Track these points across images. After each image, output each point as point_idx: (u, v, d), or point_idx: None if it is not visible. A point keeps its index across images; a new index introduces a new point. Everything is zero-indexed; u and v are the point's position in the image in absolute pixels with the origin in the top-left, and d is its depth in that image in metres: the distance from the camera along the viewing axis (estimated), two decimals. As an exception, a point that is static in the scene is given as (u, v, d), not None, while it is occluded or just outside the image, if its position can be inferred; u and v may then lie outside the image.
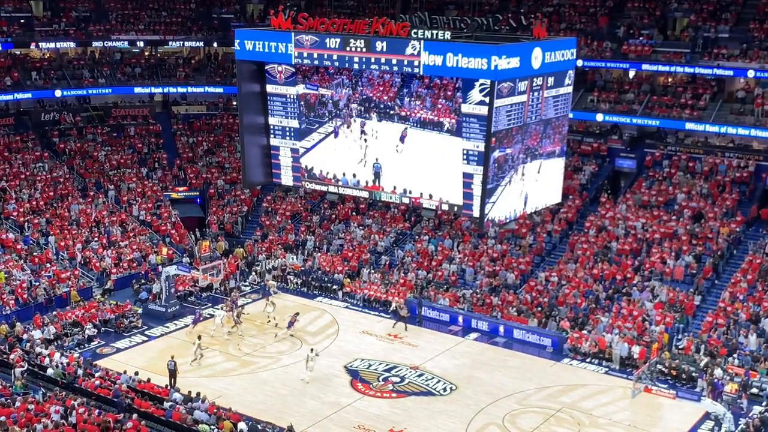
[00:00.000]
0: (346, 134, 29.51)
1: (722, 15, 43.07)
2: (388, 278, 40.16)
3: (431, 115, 27.59)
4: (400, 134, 28.12)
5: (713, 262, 36.54)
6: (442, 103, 27.23)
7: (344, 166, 29.90)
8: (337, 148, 29.88)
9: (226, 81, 51.34)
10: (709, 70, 41.18)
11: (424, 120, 27.82)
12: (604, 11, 46.49)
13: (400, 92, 28.29)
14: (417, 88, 27.75)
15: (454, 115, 26.96)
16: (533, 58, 26.26)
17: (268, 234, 45.44)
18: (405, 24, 26.72)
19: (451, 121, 27.06)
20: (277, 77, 30.04)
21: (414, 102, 27.91)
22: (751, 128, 39.50)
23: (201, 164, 50.77)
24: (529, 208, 29.12)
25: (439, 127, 27.42)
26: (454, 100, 26.90)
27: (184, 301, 38.73)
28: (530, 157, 27.77)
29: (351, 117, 29.21)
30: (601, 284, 36.94)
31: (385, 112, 28.66)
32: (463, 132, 26.54)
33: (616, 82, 45.37)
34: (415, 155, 28.08)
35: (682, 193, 40.32)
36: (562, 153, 29.44)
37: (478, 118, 25.94)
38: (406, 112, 28.18)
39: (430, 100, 27.57)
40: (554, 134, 28.56)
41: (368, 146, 29.07)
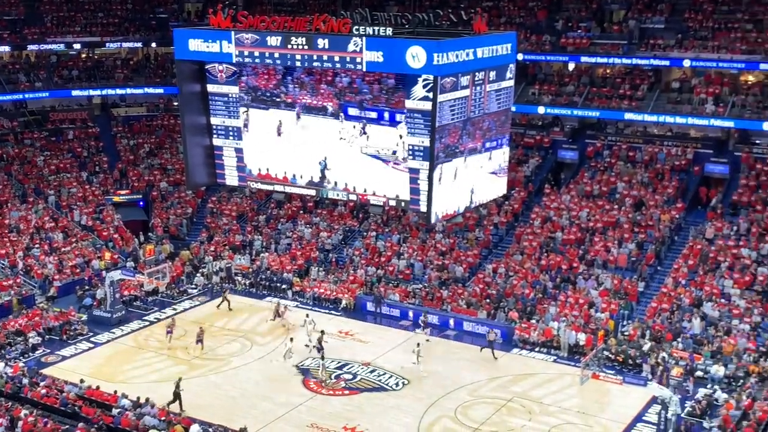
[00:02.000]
0: (283, 131, 29.40)
1: (657, 6, 43.92)
2: (337, 276, 40.13)
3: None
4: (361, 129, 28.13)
5: (655, 248, 37.27)
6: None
7: (288, 165, 29.75)
8: (278, 146, 29.71)
9: (166, 81, 50.70)
10: (646, 60, 41.97)
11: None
12: (542, 5, 47.06)
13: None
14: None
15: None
16: (475, 53, 26.44)
17: (214, 235, 45.02)
18: (346, 21, 26.66)
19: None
20: (218, 76, 29.71)
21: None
22: (688, 117, 40.37)
23: (143, 166, 50.06)
24: (476, 200, 29.31)
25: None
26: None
27: (129, 306, 38.17)
28: (475, 150, 27.95)
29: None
30: (548, 274, 37.44)
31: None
32: (408, 127, 26.61)
33: (557, 74, 45.97)
34: (352, 149, 28.08)
35: (623, 182, 41.05)
36: (506, 145, 29.70)
37: (422, 114, 26.00)
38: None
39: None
40: (497, 127, 28.80)
41: (309, 143, 29.01)
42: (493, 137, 28.75)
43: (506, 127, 29.48)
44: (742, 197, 38.36)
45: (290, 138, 29.21)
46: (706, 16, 42.42)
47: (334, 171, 28.95)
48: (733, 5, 42.35)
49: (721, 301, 33.74)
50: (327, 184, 28.90)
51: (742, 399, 27.84)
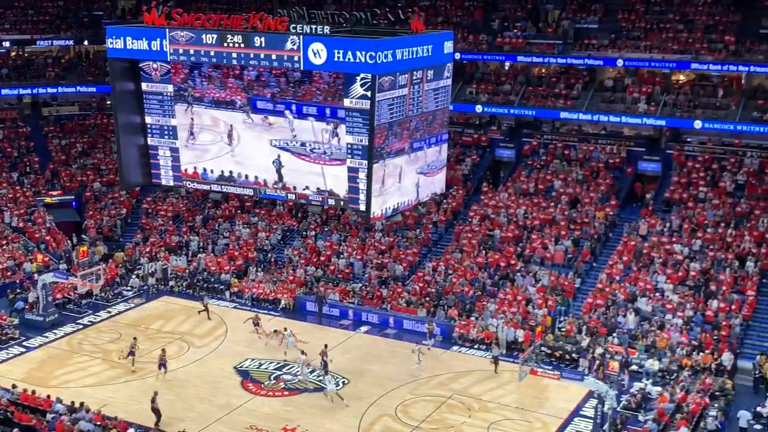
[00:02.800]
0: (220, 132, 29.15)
1: (591, 6, 44.65)
2: (276, 276, 39.83)
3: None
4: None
5: (591, 245, 37.88)
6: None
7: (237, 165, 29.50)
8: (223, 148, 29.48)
9: (99, 80, 49.66)
10: (580, 60, 42.65)
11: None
12: (479, 5, 47.45)
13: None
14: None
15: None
16: (412, 52, 26.51)
17: (150, 236, 44.28)
18: (283, 19, 26.52)
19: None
20: (153, 75, 29.28)
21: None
22: (622, 115, 41.13)
23: (75, 167, 48.98)
24: (415, 198, 29.38)
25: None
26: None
27: (62, 310, 37.30)
28: (413, 149, 28.01)
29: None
30: (486, 272, 37.74)
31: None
32: (347, 126, 26.55)
33: (493, 74, 46.38)
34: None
35: (559, 180, 41.61)
36: (443, 141, 29.85)
37: (361, 113, 26.00)
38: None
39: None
40: (435, 126, 28.93)
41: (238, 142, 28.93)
42: (431, 135, 28.90)
43: (444, 125, 29.66)
44: (674, 194, 39.22)
45: (202, 133, 29.16)
46: (639, 17, 43.28)
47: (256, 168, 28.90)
48: (664, 6, 43.30)
49: (654, 296, 34.44)
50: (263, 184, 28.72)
51: (675, 392, 28.45)
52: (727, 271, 34.64)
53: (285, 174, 28.45)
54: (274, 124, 28.06)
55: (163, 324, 36.21)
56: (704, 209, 37.81)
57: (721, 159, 40.12)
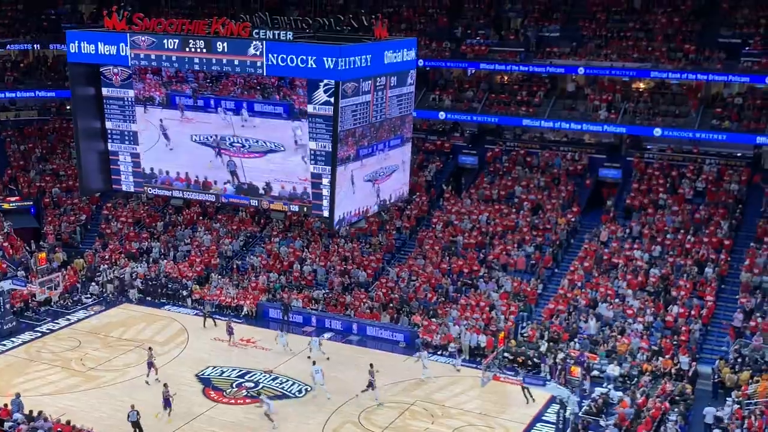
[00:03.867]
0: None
1: (553, 15, 45.07)
2: (238, 282, 39.55)
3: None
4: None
5: (552, 251, 38.15)
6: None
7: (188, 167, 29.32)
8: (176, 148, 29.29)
9: (59, 84, 49.01)
10: (542, 68, 42.98)
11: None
12: (442, 12, 47.63)
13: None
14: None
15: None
16: (376, 58, 26.55)
17: (109, 243, 43.74)
18: (246, 24, 26.42)
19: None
20: (113, 80, 29.01)
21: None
22: (583, 123, 41.53)
23: (34, 172, 48.23)
24: (377, 203, 29.40)
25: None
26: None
27: (20, 317, 36.68)
28: (374, 153, 28.03)
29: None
30: (450, 278, 37.82)
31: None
32: (310, 132, 26.51)
33: (456, 80, 46.59)
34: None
35: (521, 187, 41.89)
36: (406, 142, 29.91)
37: (324, 119, 26.00)
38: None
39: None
40: (398, 131, 28.99)
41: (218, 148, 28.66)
42: (393, 139, 28.95)
43: (407, 130, 29.73)
44: (635, 201, 39.66)
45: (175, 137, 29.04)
46: (600, 25, 43.77)
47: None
48: (625, 15, 43.84)
49: (615, 302, 34.76)
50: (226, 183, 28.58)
51: (636, 397, 28.71)
52: (686, 276, 35.09)
53: (241, 175, 28.36)
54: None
55: (123, 331, 35.77)
56: (664, 216, 38.28)
57: (681, 166, 40.66)
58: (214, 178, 28.21)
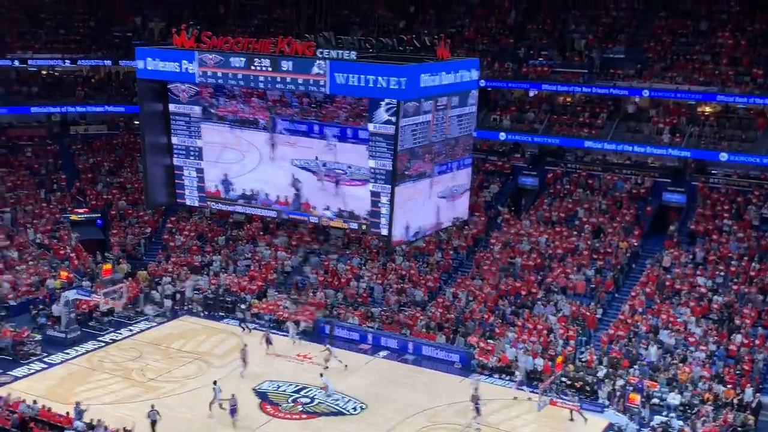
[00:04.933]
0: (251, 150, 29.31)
1: (617, 36, 44.64)
2: (296, 298, 39.87)
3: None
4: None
5: (613, 275, 37.63)
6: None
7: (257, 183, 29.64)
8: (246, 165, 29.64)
9: (128, 100, 50.19)
10: (605, 90, 42.52)
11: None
12: (505, 32, 47.57)
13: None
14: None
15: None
16: (438, 78, 26.60)
17: (172, 255, 44.54)
18: (310, 43, 26.68)
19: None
20: (180, 96, 29.56)
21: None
22: (647, 146, 40.94)
23: (102, 185, 49.46)
24: (436, 223, 29.32)
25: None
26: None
27: (84, 327, 37.54)
28: (435, 173, 28.00)
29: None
30: (507, 299, 37.57)
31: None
32: (370, 151, 26.65)
33: (518, 101, 46.43)
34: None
35: (583, 209, 41.45)
36: (467, 167, 29.82)
37: (385, 137, 26.08)
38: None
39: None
40: (459, 152, 28.95)
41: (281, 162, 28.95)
42: (454, 161, 28.91)
43: (468, 151, 29.67)
44: (699, 226, 38.93)
45: (226, 152, 29.35)
46: (665, 47, 43.20)
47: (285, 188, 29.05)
48: (691, 37, 43.21)
49: (677, 329, 34.11)
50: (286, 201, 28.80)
51: (696, 426, 28.11)
52: (750, 305, 34.27)
53: (305, 194, 28.53)
54: (295, 143, 28.14)
55: (183, 343, 36.33)
56: (728, 242, 37.50)
57: (746, 192, 39.80)
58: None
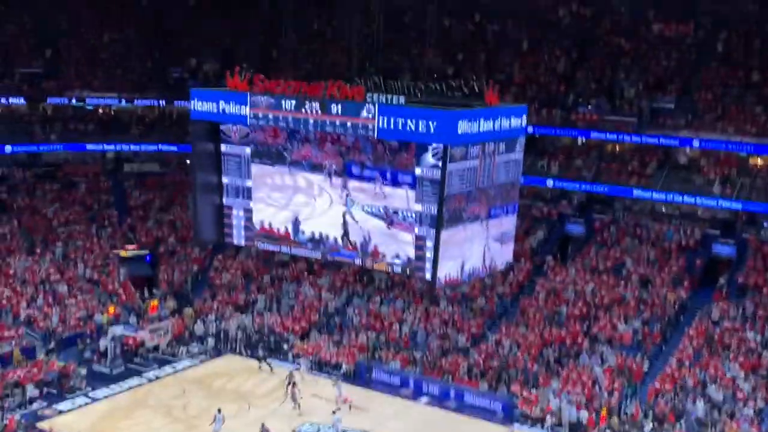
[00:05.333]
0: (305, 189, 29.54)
1: (668, 85, 44.39)
2: (339, 339, 39.84)
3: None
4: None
5: (661, 327, 36.99)
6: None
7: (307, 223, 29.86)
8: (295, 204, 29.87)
9: (181, 139, 51.09)
10: (655, 139, 42.23)
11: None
12: (554, 79, 47.62)
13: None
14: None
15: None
16: (485, 124, 26.71)
17: (218, 293, 44.92)
18: (360, 88, 27.03)
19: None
20: (232, 137, 30.09)
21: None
22: (696, 197, 40.44)
23: (152, 222, 50.26)
24: (483, 267, 29.19)
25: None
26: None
27: (129, 362, 37.92)
28: (482, 218, 27.96)
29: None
30: (551, 348, 37.09)
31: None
32: (417, 194, 26.77)
33: (566, 148, 46.28)
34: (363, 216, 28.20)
35: (630, 259, 40.94)
36: (513, 214, 29.74)
37: (431, 182, 26.20)
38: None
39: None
40: (506, 197, 28.91)
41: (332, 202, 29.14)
42: (501, 206, 28.87)
43: (514, 197, 29.62)
44: (749, 280, 38.17)
45: (297, 195, 29.48)
46: (717, 98, 42.83)
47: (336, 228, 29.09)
48: (743, 88, 42.80)
49: (725, 384, 33.32)
50: (337, 242, 28.89)
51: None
52: (803, 361, 33.42)
53: (353, 235, 28.64)
54: (365, 189, 28.18)
55: (225, 382, 36.47)
56: (780, 296, 36.72)
57: (800, 246, 39.05)
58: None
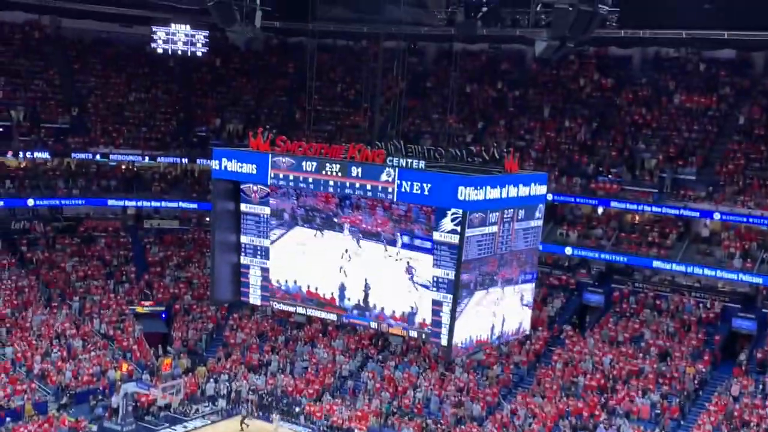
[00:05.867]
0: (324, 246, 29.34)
1: (689, 157, 44.39)
2: (352, 404, 39.36)
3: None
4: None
5: (679, 401, 36.31)
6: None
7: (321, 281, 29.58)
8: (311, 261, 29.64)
9: (201, 197, 51.49)
10: (675, 210, 42.08)
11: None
12: (575, 148, 47.77)
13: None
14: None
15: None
16: (505, 191, 26.70)
17: (232, 353, 44.66)
18: (380, 151, 27.15)
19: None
20: (252, 197, 30.19)
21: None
22: (717, 269, 40.07)
23: (169, 279, 50.33)
24: (499, 334, 28.84)
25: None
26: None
27: (140, 420, 37.59)
28: (500, 285, 27.74)
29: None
30: (568, 420, 36.44)
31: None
32: (434, 259, 26.66)
33: (586, 217, 46.17)
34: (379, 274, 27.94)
35: (649, 331, 40.43)
36: (531, 281, 29.48)
37: (449, 246, 26.07)
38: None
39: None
40: (525, 264, 28.72)
41: (349, 263, 28.85)
42: (520, 274, 28.67)
43: (533, 264, 29.42)
44: (770, 355, 37.58)
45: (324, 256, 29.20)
46: (738, 171, 42.75)
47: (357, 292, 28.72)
48: (765, 162, 42.72)
49: (746, 461, 32.56)
50: (361, 306, 28.59)
51: None
52: (826, 441, 32.61)
53: (372, 299, 28.42)
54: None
55: (235, 443, 36.07)
56: (803, 373, 36.03)
57: (822, 322, 38.48)
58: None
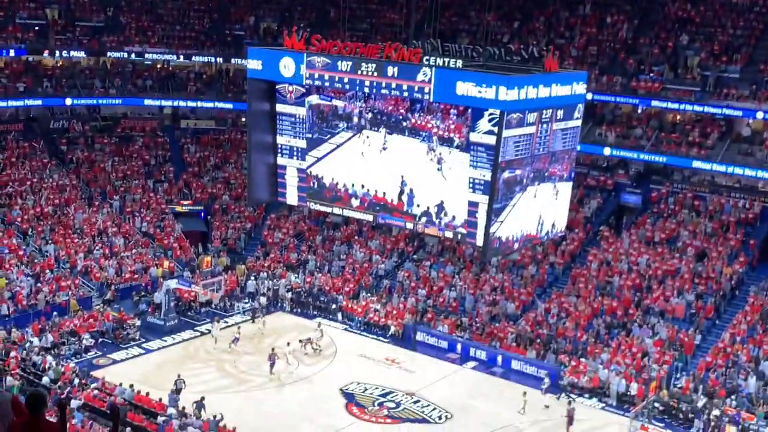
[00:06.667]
0: (366, 147, 29.23)
1: (733, 55, 43.15)
2: (388, 302, 40.04)
3: (442, 131, 27.60)
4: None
5: (715, 302, 36.40)
6: (452, 119, 27.24)
7: (359, 178, 29.56)
8: (355, 160, 29.57)
9: (236, 97, 51.39)
10: (718, 109, 41.18)
11: (436, 135, 27.78)
12: (616, 45, 46.62)
13: (413, 106, 28.21)
14: (427, 103, 27.63)
15: (464, 132, 26.82)
16: (544, 90, 26.26)
17: (270, 252, 45.39)
18: (417, 50, 26.73)
19: (461, 138, 27.09)
20: (288, 97, 30.05)
21: (424, 116, 27.87)
22: (758, 169, 39.46)
23: (207, 179, 50.84)
24: (537, 234, 28.85)
25: (450, 143, 27.40)
26: (465, 116, 26.89)
27: (182, 316, 38.65)
28: (537, 181, 27.56)
29: (366, 129, 28.96)
30: (602, 318, 36.80)
31: (396, 125, 28.63)
32: (471, 160, 26.51)
33: (625, 116, 45.42)
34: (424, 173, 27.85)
35: (687, 231, 40.23)
36: (569, 181, 29.28)
37: (486, 147, 25.87)
38: (418, 125, 28.16)
39: (441, 115, 27.57)
40: (562, 166, 28.47)
41: (389, 162, 28.73)
42: (557, 174, 28.45)
43: (571, 166, 29.16)
44: (809, 256, 37.31)
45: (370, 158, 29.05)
46: (784, 69, 41.58)
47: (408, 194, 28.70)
48: (812, 59, 41.49)
49: (779, 361, 32.76)
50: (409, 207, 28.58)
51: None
52: None
53: (407, 197, 28.45)
54: (408, 148, 27.82)
55: (275, 339, 36.96)
56: (841, 275, 35.80)
57: None
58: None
